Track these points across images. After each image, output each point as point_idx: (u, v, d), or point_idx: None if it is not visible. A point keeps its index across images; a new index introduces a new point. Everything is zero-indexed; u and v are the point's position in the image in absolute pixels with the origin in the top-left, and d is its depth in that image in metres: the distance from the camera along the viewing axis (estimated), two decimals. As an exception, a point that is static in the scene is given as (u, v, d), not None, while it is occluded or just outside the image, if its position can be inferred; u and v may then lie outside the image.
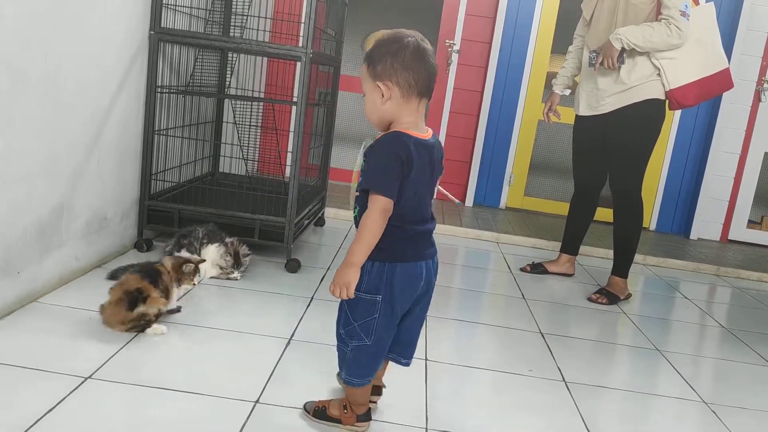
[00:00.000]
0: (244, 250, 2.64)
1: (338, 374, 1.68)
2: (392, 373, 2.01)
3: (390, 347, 1.60)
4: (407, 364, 1.65)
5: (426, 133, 1.49)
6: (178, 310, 2.18)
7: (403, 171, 1.42)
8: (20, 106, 1.94)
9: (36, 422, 1.47)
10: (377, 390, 1.73)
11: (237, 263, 2.59)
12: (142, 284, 2.00)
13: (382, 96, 1.45)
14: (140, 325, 1.99)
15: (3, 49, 1.83)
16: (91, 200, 2.45)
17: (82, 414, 1.54)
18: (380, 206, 1.41)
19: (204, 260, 2.25)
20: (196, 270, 2.18)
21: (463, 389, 2.00)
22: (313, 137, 3.56)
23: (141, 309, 1.98)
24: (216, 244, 2.58)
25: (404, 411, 1.76)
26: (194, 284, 2.19)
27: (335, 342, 1.59)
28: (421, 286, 1.53)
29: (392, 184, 1.41)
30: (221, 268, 2.56)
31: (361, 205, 1.48)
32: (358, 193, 1.50)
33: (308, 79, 2.71)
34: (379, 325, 1.51)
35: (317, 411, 1.65)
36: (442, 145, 1.58)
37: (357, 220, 1.50)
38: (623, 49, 2.82)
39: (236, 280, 2.59)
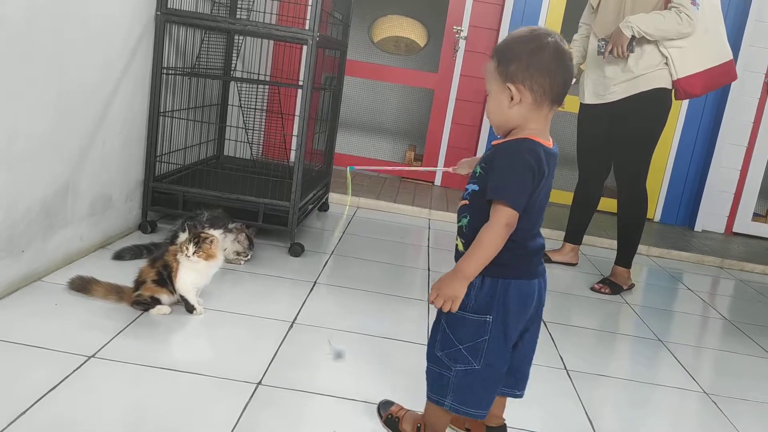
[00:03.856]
0: (251, 232, 2.65)
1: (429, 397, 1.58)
2: (392, 356, 2.02)
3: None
4: (521, 396, 1.51)
5: (550, 142, 1.35)
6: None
7: (533, 182, 1.29)
8: (26, 84, 1.94)
9: (39, 400, 1.48)
10: (503, 430, 1.59)
11: (251, 244, 2.62)
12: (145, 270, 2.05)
13: (511, 99, 1.31)
14: (143, 303, 2.02)
15: (9, 28, 1.82)
16: (96, 181, 2.44)
17: (85, 392, 1.54)
18: (505, 219, 1.27)
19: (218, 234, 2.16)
20: (192, 240, 2.03)
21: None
22: (318, 122, 3.55)
23: (139, 290, 2.03)
24: (219, 231, 2.57)
25: (408, 396, 1.76)
26: (188, 256, 2.01)
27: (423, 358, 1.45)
28: (533, 306, 1.39)
29: (522, 195, 1.28)
30: (238, 252, 2.57)
31: (473, 214, 1.35)
32: (467, 201, 1.37)
33: (314, 63, 2.70)
34: (490, 350, 1.35)
35: (389, 420, 1.58)
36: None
37: (464, 230, 1.38)
38: (633, 38, 2.80)
39: (240, 264, 2.59)
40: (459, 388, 1.38)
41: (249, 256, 2.62)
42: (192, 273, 2.03)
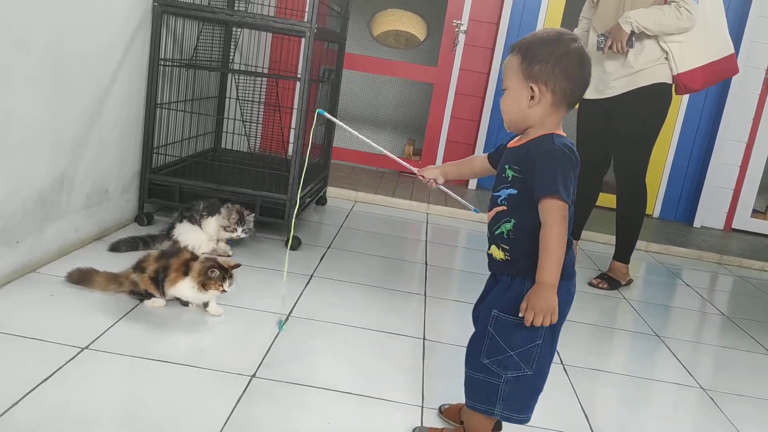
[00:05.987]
0: (246, 211, 2.61)
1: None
2: (388, 350, 2.01)
3: None
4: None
5: None
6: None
7: (574, 173, 1.29)
8: (21, 74, 1.92)
9: (31, 390, 1.47)
10: (498, 424, 1.58)
11: (241, 220, 2.56)
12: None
13: (531, 98, 1.31)
14: (139, 294, 2.01)
15: (4, 16, 1.81)
16: (92, 172, 2.43)
17: (79, 383, 1.54)
18: (562, 213, 1.26)
19: (239, 265, 2.05)
20: (225, 276, 1.98)
21: (461, 369, 1.98)
22: (317, 115, 3.52)
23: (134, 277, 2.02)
24: (216, 216, 2.56)
25: (404, 389, 1.76)
26: (224, 290, 1.98)
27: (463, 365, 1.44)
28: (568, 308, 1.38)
29: (570, 187, 1.27)
30: (224, 227, 2.53)
31: (517, 217, 1.33)
32: (504, 207, 1.35)
33: (312, 55, 2.69)
34: (542, 353, 1.35)
35: None
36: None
37: (506, 236, 1.35)
38: (633, 33, 2.79)
39: (241, 238, 2.55)
40: (510, 395, 1.36)
41: (239, 233, 2.53)
42: (194, 292, 1.98)
